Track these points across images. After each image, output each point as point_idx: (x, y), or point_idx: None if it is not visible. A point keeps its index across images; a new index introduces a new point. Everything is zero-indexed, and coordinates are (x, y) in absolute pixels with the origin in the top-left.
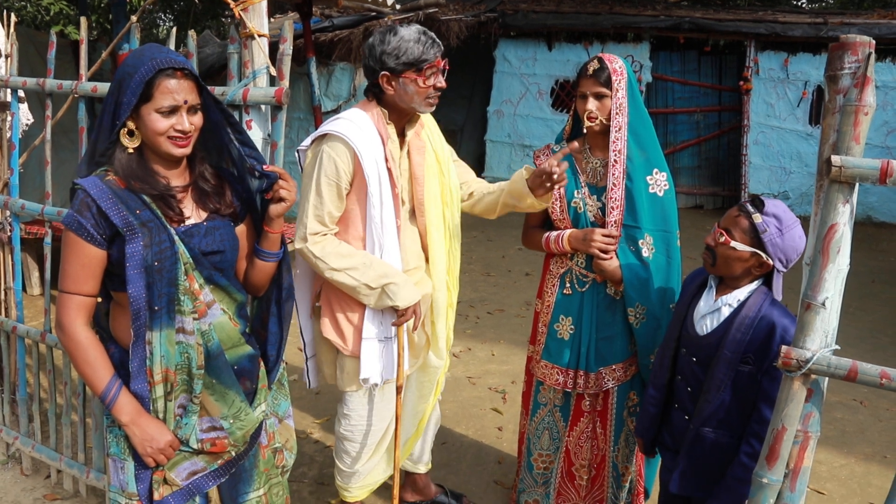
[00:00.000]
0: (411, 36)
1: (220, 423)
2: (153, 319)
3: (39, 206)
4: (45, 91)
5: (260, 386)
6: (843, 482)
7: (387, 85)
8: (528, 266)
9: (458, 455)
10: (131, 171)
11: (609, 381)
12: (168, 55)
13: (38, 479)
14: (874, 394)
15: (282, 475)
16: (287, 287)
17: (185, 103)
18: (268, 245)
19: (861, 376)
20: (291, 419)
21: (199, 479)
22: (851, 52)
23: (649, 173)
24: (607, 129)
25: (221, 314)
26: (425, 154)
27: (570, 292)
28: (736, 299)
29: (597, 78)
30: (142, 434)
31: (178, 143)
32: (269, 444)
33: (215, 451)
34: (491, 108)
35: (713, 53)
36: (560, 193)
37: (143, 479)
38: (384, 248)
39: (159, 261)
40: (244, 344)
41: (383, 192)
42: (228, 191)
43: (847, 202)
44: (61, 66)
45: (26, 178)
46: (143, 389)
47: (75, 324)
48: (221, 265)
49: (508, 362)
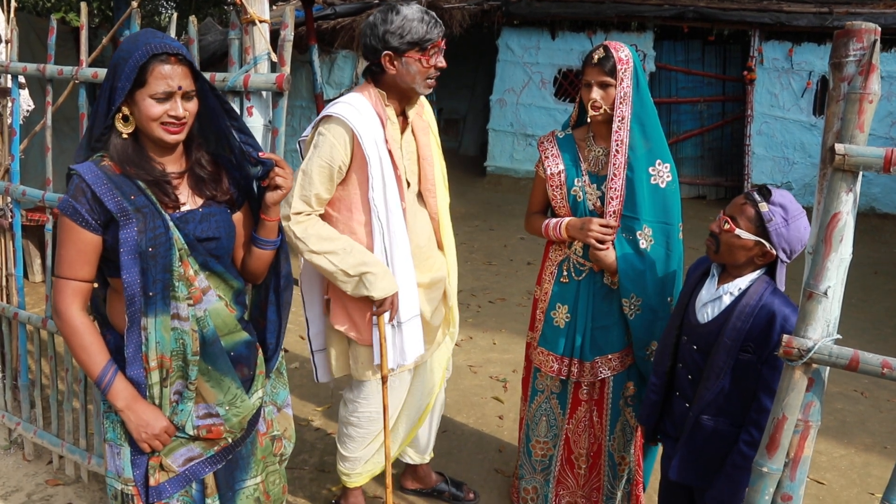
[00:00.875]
0: (414, 15)
1: (216, 409)
2: (148, 305)
3: (40, 192)
4: (46, 77)
5: (258, 373)
6: (843, 472)
7: (389, 65)
8: (530, 255)
9: (458, 443)
10: (126, 156)
11: (604, 371)
12: (163, 41)
13: (39, 465)
14: (875, 384)
15: (280, 463)
16: (285, 275)
17: (179, 89)
18: (265, 233)
19: (862, 366)
20: (290, 408)
21: (195, 465)
22: (856, 39)
23: (652, 164)
24: (611, 118)
25: (217, 300)
26: (430, 135)
27: (567, 281)
28: (737, 287)
29: (601, 67)
30: (137, 419)
31: (170, 129)
32: (267, 432)
33: (211, 437)
34: (494, 97)
35: (717, 43)
36: (561, 181)
37: (140, 464)
38: (391, 231)
39: (153, 247)
40: (240, 330)
41: (385, 174)
42: (225, 178)
43: (850, 191)
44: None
45: (27, 164)
46: (139, 375)
47: (71, 309)
48: (217, 252)
49: (510, 351)
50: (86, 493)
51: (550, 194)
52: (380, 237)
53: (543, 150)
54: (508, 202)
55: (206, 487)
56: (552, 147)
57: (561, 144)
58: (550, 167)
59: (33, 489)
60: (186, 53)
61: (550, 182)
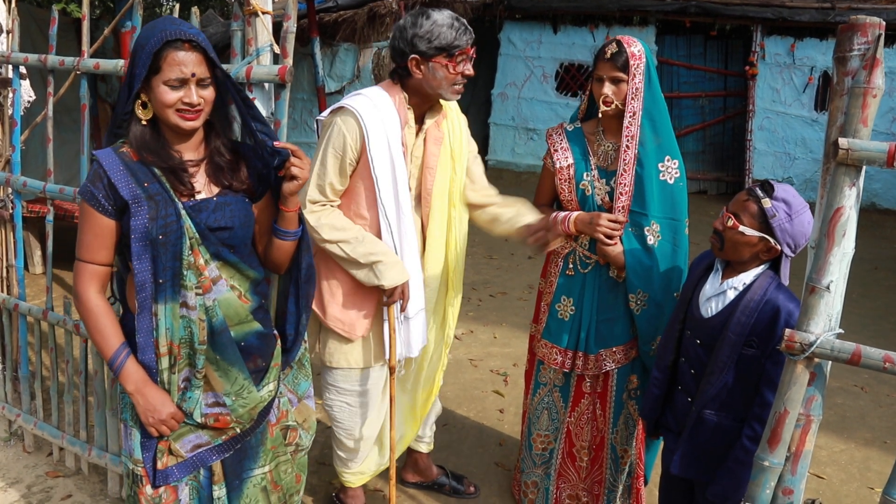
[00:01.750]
0: (445, 21)
1: (224, 399)
2: (158, 292)
3: (41, 183)
4: (48, 68)
5: (272, 364)
6: (843, 467)
7: (415, 69)
8: (531, 249)
9: (459, 437)
10: (144, 143)
11: (609, 363)
12: (179, 27)
13: (40, 457)
14: (875, 379)
15: (295, 454)
16: (306, 267)
17: (193, 76)
18: (285, 224)
19: (864, 360)
20: (312, 399)
21: (203, 452)
22: (861, 33)
23: (661, 160)
24: (622, 112)
25: (228, 290)
26: (441, 146)
27: (572, 273)
28: (742, 282)
29: (614, 62)
30: (145, 403)
31: (186, 115)
32: (278, 422)
33: (218, 426)
34: (495, 91)
35: (719, 38)
36: (570, 174)
37: (149, 447)
38: (402, 231)
39: (164, 234)
40: (252, 321)
41: (397, 175)
42: (244, 167)
43: (853, 185)
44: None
45: (29, 155)
46: (150, 360)
47: (88, 291)
48: (231, 241)
49: (510, 345)
50: (86, 485)
51: (559, 188)
52: (388, 235)
53: (552, 142)
54: (510, 196)
55: (213, 475)
56: (561, 140)
57: (570, 137)
58: (560, 160)
59: (33, 481)
60: (201, 40)
61: (559, 175)
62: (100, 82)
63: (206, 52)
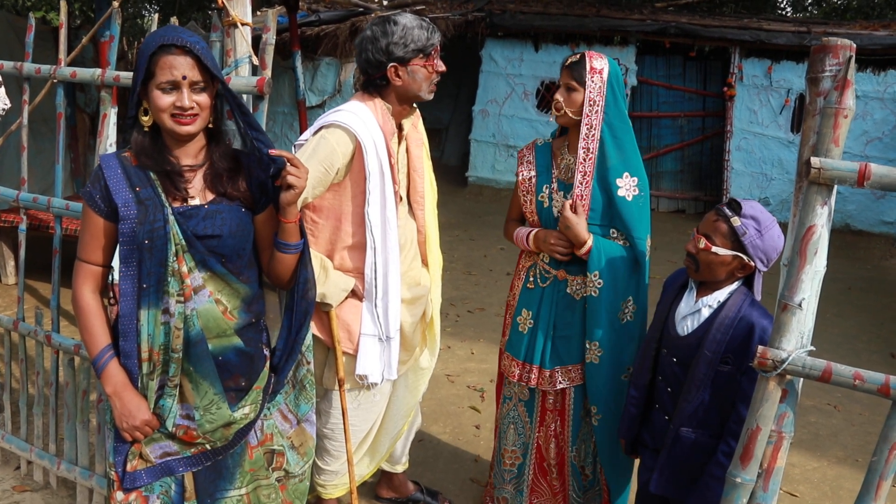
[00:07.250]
0: (413, 23)
1: (193, 412)
2: (142, 297)
3: (14, 192)
4: (23, 75)
5: (255, 387)
6: (816, 485)
7: (394, 76)
8: (510, 265)
9: (434, 453)
10: (142, 148)
11: (563, 381)
12: (177, 34)
13: (7, 471)
14: (848, 398)
15: (284, 479)
16: (303, 281)
17: (184, 79)
18: (285, 236)
19: (835, 377)
20: (311, 424)
21: (171, 461)
22: (833, 55)
23: (619, 176)
24: (579, 123)
25: (210, 302)
26: (422, 147)
27: (532, 287)
28: (716, 300)
29: (570, 70)
30: (121, 407)
31: (181, 120)
32: (260, 445)
33: (186, 439)
34: (476, 108)
35: (698, 59)
36: (530, 186)
37: (121, 451)
38: (386, 248)
39: (150, 239)
40: (232, 335)
41: (386, 189)
42: (244, 176)
43: (825, 204)
44: (43, 54)
45: (3, 164)
46: (133, 366)
47: (82, 290)
48: (220, 250)
49: (487, 361)
50: (54, 500)
51: (521, 199)
52: (371, 253)
53: (521, 156)
54: (489, 212)
55: (185, 490)
56: (529, 154)
57: (538, 151)
58: (523, 172)
59: (0, 495)
60: (196, 47)
61: (521, 187)
62: (79, 92)
63: (200, 58)
